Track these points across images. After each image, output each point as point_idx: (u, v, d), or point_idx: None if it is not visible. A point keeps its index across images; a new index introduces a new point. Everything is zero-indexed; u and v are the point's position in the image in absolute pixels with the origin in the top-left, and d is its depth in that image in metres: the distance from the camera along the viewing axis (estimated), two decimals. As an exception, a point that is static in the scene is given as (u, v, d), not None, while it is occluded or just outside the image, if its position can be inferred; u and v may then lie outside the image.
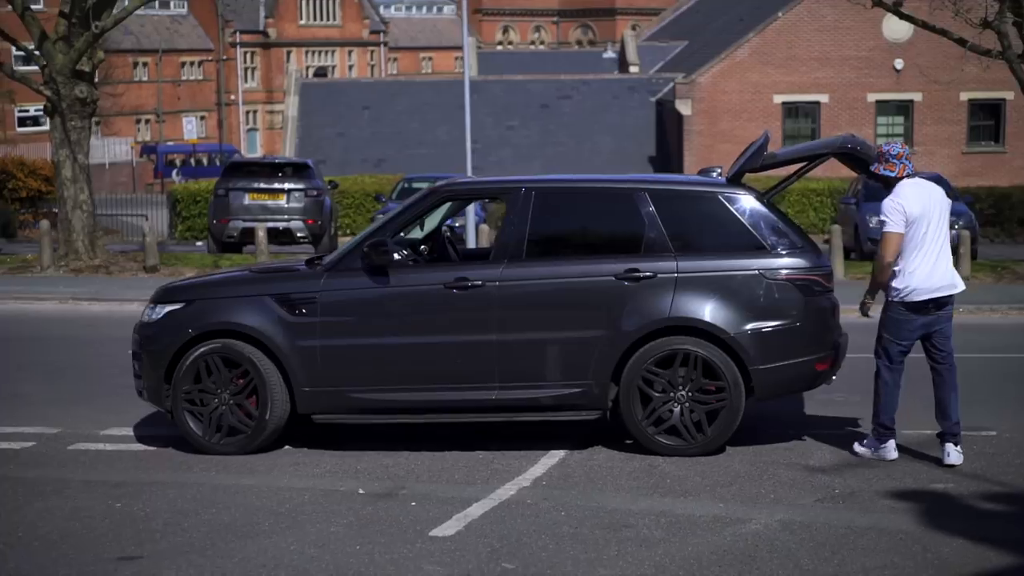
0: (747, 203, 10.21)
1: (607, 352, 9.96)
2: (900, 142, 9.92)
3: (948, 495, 8.77)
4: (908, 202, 9.60)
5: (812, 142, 10.93)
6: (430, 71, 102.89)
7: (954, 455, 9.65)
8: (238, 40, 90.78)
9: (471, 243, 24.26)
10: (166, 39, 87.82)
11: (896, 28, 44.39)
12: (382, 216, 11.24)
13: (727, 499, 8.68)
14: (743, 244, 10.11)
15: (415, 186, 30.86)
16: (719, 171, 10.78)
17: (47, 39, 22.79)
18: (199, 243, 34.43)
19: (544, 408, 10.13)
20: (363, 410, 10.26)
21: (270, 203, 25.63)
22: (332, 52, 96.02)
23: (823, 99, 47.51)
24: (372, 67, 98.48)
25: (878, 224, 9.71)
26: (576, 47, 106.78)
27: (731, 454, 9.97)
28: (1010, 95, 44.33)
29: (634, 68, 58.99)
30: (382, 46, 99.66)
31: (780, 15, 47.33)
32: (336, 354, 10.21)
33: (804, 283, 9.98)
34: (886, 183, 9.77)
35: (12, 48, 24.08)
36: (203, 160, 76.79)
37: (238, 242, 25.66)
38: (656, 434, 9.98)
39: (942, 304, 9.71)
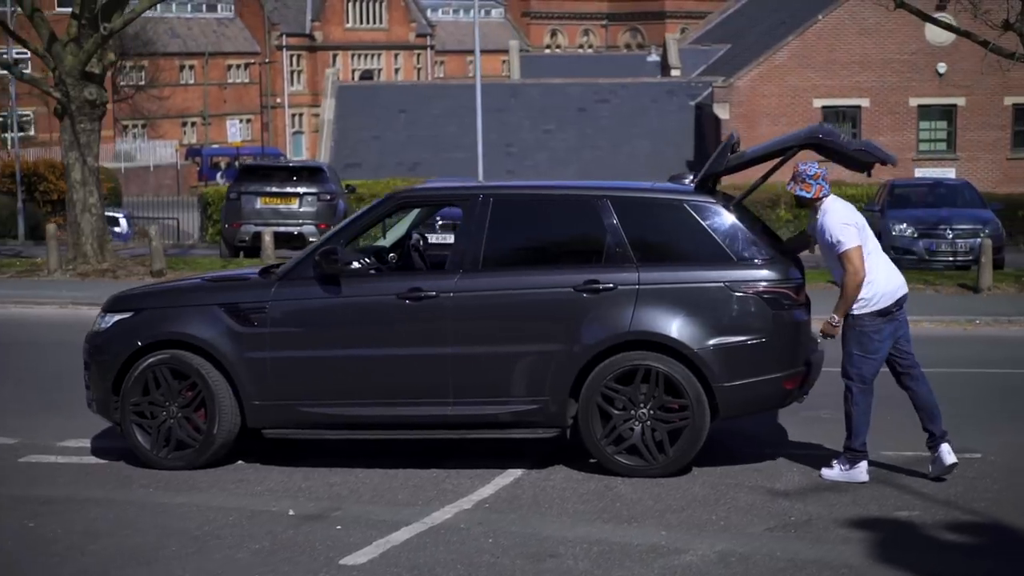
0: (714, 211, 9.73)
1: (565, 367, 9.52)
2: (816, 163, 9.52)
3: (911, 524, 8.27)
4: (850, 214, 9.39)
5: (779, 137, 10.45)
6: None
7: (953, 455, 9.39)
8: (284, 43, 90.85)
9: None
10: (213, 42, 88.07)
11: (939, 31, 43.54)
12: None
13: (673, 526, 8.21)
14: (709, 255, 9.64)
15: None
16: (691, 178, 10.31)
17: (56, 41, 22.60)
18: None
19: (501, 425, 9.70)
20: (314, 425, 9.87)
21: (282, 207, 25.35)
22: (378, 55, 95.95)
23: (864, 103, 46.76)
24: (418, 70, 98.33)
25: (839, 243, 9.31)
26: (625, 51, 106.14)
27: (695, 475, 9.51)
28: (1056, 100, 43.44)
29: (676, 72, 58.37)
30: (428, 49, 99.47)
31: (820, 18, 46.63)
32: (286, 366, 9.83)
33: (772, 296, 9.49)
34: (800, 203, 9.64)
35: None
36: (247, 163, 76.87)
37: (250, 246, 25.40)
38: (616, 453, 9.52)
39: (901, 304, 9.44)
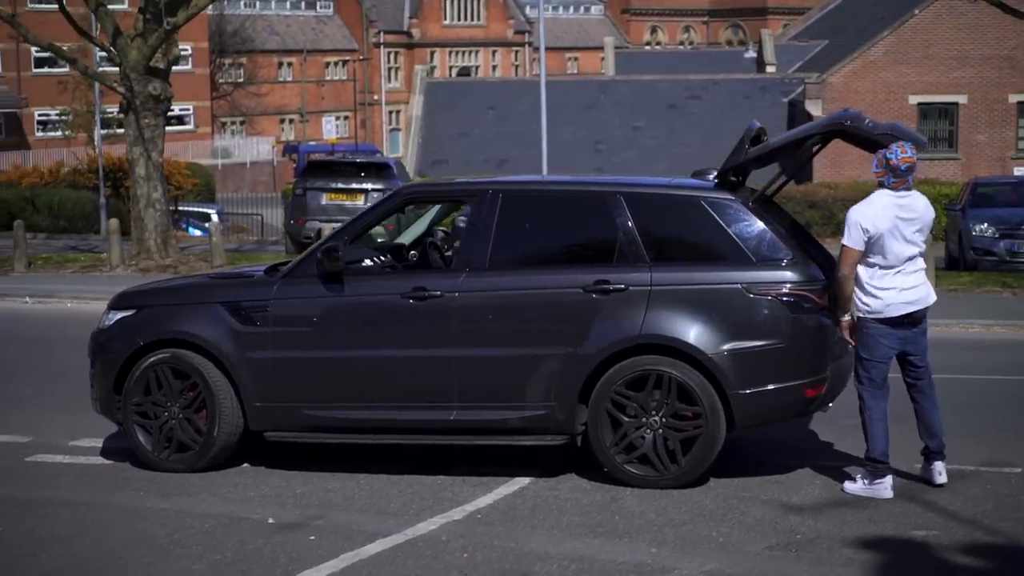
0: (733, 209, 9.21)
1: (574, 371, 9.06)
2: (911, 152, 8.82)
3: (925, 545, 7.70)
4: (871, 218, 8.79)
5: (803, 126, 9.83)
6: (576, 72, 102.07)
7: (944, 474, 8.91)
8: (382, 40, 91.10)
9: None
10: (311, 39, 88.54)
11: (1039, 26, 42.26)
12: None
13: (667, 542, 7.72)
14: (726, 255, 9.13)
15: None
16: (715, 173, 9.79)
17: (121, 35, 22.55)
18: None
19: (508, 431, 9.27)
20: (316, 428, 9.53)
21: (347, 204, 25.09)
22: (476, 52, 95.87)
23: (961, 100, 45.57)
24: (516, 67, 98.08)
25: (844, 233, 8.87)
26: (726, 47, 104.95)
27: (709, 487, 9.00)
28: None
29: (771, 68, 57.43)
30: (527, 46, 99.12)
31: (916, 12, 45.50)
32: (288, 367, 9.50)
33: (792, 299, 8.95)
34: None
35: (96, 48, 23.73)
36: (343, 160, 77.14)
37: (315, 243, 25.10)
38: (625, 463, 9.05)
39: (916, 322, 8.96)
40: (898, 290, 8.77)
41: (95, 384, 10.00)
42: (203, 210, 43.62)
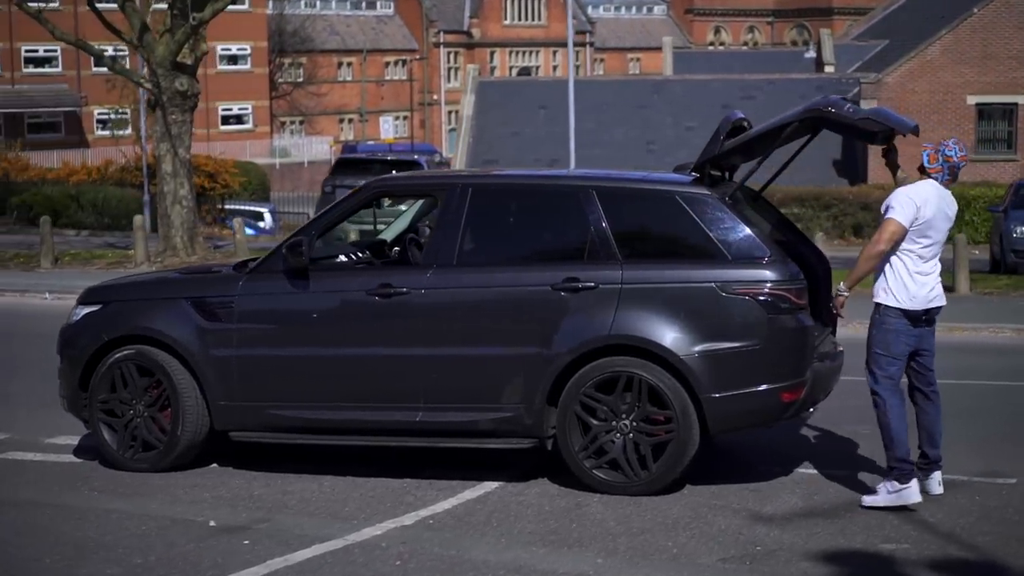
0: (708, 204, 8.82)
1: (541, 373, 8.71)
2: (963, 150, 8.43)
3: (891, 560, 7.27)
4: (922, 202, 8.28)
5: (782, 115, 9.36)
6: (638, 72, 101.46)
7: (941, 486, 8.54)
8: (442, 40, 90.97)
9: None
10: (371, 39, 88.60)
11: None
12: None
13: (616, 553, 7.36)
14: (699, 252, 8.74)
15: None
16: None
17: (147, 31, 22.44)
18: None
19: (475, 434, 8.93)
20: (281, 428, 9.24)
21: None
22: (536, 52, 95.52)
23: (1021, 100, 44.58)
24: (577, 67, 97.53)
25: (889, 208, 8.34)
26: (791, 47, 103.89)
27: (683, 494, 8.62)
28: None
29: (829, 68, 56.60)
30: (588, 46, 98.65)
31: (975, 11, 44.58)
32: (252, 365, 9.22)
33: (769, 299, 8.54)
34: (920, 167, 8.46)
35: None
36: (400, 159, 77.11)
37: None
38: (594, 468, 8.68)
39: (931, 320, 8.53)
40: (927, 284, 8.36)
41: (62, 381, 9.78)
42: (256, 209, 43.58)
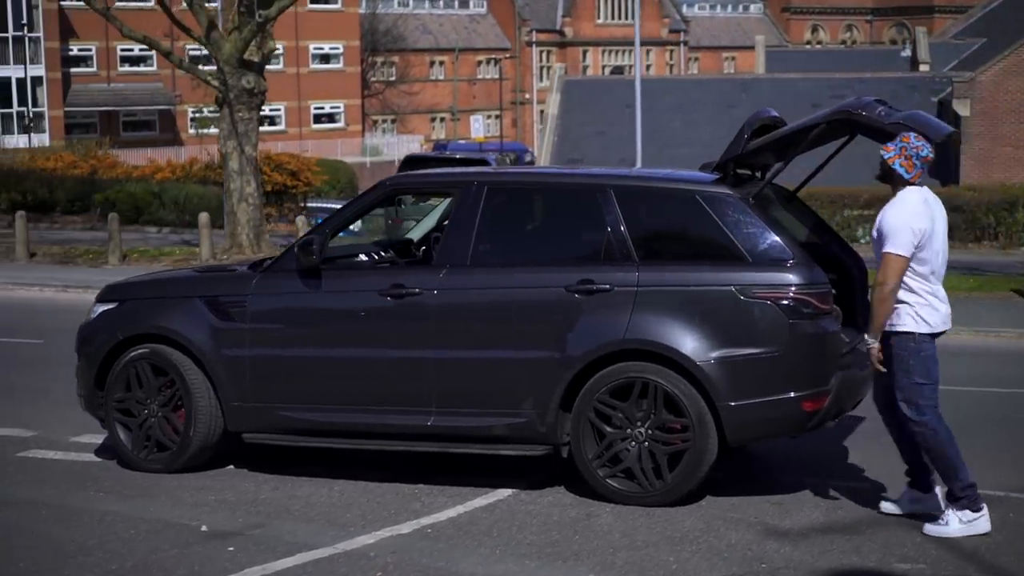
0: (730, 204, 8.47)
1: (555, 377, 8.42)
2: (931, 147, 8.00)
3: (902, 580, 6.89)
4: (919, 218, 7.74)
5: (811, 116, 8.94)
6: (732, 71, 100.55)
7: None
8: (534, 39, 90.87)
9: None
10: (464, 38, 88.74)
11: None
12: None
13: (612, 568, 7.05)
14: (719, 254, 8.40)
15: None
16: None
17: (215, 28, 22.45)
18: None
19: (486, 439, 8.66)
20: (292, 431, 9.04)
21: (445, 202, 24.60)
22: (629, 51, 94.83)
23: (1119, 100, 43.38)
24: (671, 67, 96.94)
25: (888, 239, 7.71)
26: (889, 46, 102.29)
27: (700, 506, 8.29)
28: None
29: (924, 67, 55.58)
30: (682, 45, 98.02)
31: (1074, 8, 43.46)
32: (263, 366, 9.04)
33: (790, 303, 8.17)
34: (886, 176, 7.88)
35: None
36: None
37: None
38: (608, 477, 8.37)
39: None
40: (945, 300, 7.91)
41: (79, 379, 9.68)
42: (339, 206, 43.61)
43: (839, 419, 8.69)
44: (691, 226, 8.55)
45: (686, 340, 8.21)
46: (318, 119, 78.01)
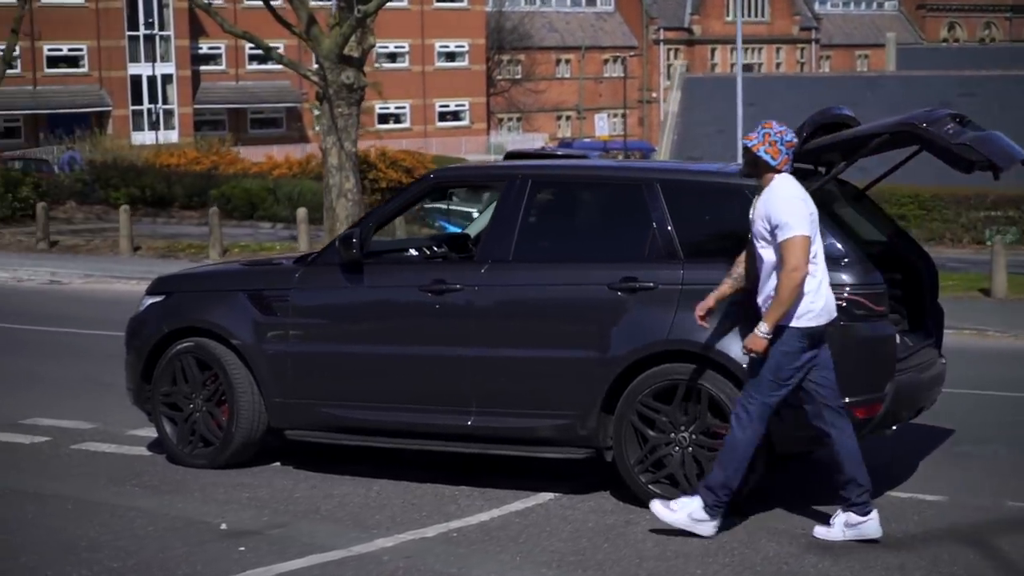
0: (782, 200, 8.04)
1: (597, 378, 8.10)
2: (793, 132, 7.63)
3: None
4: (801, 201, 7.30)
5: (878, 122, 8.53)
6: (866, 69, 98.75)
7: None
8: (662, 37, 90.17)
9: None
10: (590, 36, 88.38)
11: None
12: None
13: (632, 579, 6.72)
14: (768, 251, 7.98)
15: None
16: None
17: (315, 24, 22.43)
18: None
19: (527, 441, 8.36)
20: (332, 428, 8.84)
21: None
22: (759, 49, 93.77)
23: None
24: (801, 64, 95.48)
25: (783, 226, 7.21)
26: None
27: (745, 515, 7.88)
28: None
29: (1062, 65, 53.93)
30: (813, 43, 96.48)
31: None
32: (304, 361, 8.86)
33: (841, 304, 7.72)
34: (751, 170, 7.50)
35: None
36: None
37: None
38: (651, 483, 8.03)
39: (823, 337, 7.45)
40: (827, 292, 7.38)
41: (128, 372, 9.59)
42: (464, 209, 43.43)
43: (895, 428, 8.23)
44: (739, 222, 8.14)
45: (731, 342, 7.82)
46: (443, 117, 78.27)
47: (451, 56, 78.46)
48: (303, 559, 6.88)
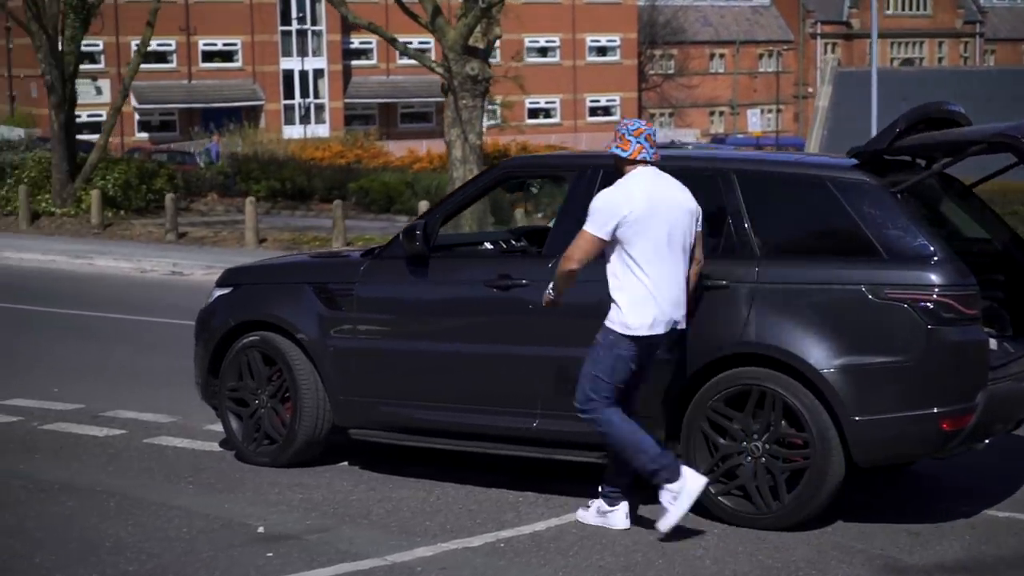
0: (867, 192, 7.47)
1: (666, 381, 7.60)
2: (646, 121, 7.54)
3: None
4: (626, 202, 7.13)
5: (977, 127, 7.91)
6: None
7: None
8: (819, 31, 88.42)
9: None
10: (745, 30, 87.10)
11: None
12: None
13: (678, 601, 6.21)
14: (851, 248, 7.42)
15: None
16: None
17: (440, 14, 22.15)
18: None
19: (593, 446, 7.85)
20: (394, 428, 8.48)
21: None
22: (920, 43, 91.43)
23: None
24: (964, 59, 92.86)
25: (587, 218, 7.24)
26: None
27: (822, 532, 7.32)
28: None
29: None
30: (977, 37, 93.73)
31: None
32: (367, 358, 8.51)
33: (929, 306, 7.12)
34: (616, 165, 7.41)
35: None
36: (768, 153, 75.39)
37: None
38: (720, 494, 7.50)
39: (657, 346, 7.31)
40: (664, 301, 7.19)
41: (196, 366, 9.35)
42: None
43: (988, 441, 7.58)
44: (820, 216, 7.58)
45: (808, 345, 7.26)
46: (593, 112, 77.75)
47: (602, 50, 77.89)
48: (330, 568, 6.51)
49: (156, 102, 65.75)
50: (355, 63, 70.28)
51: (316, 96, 69.12)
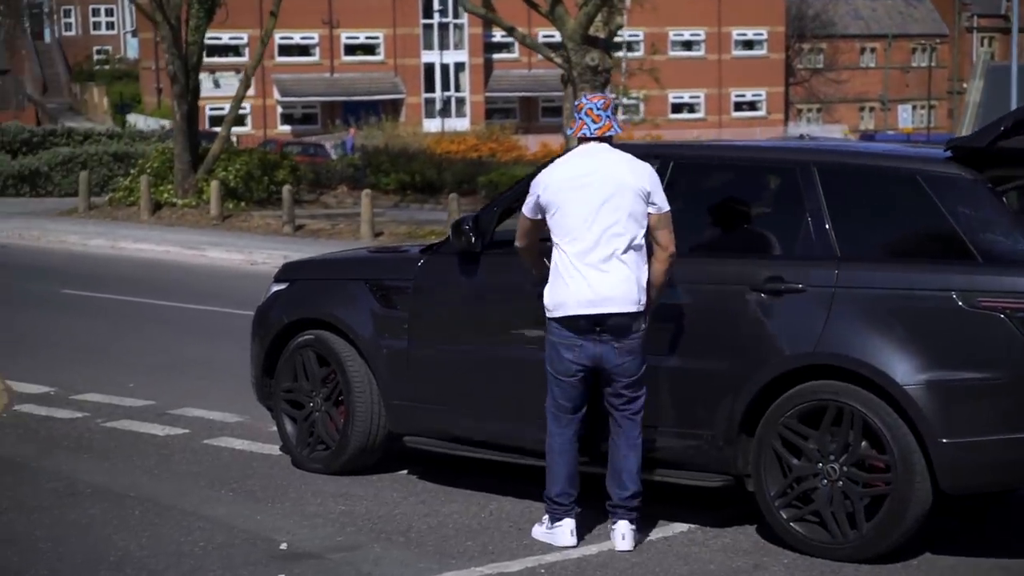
0: (962, 188, 6.69)
1: (734, 393, 6.90)
2: (604, 96, 6.89)
3: None
4: (562, 178, 6.75)
5: None
6: None
7: (628, 537, 6.80)
8: (975, 24, 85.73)
9: None
10: (897, 24, 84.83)
11: None
12: None
13: (723, 644, 5.52)
14: (941, 249, 6.65)
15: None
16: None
17: (560, 3, 21.53)
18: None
19: (654, 463, 7.20)
20: (445, 436, 7.90)
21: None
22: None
23: None
24: None
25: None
26: None
27: (905, 566, 6.59)
28: None
29: None
30: None
31: None
32: (422, 361, 7.94)
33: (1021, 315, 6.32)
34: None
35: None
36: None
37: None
38: (793, 520, 6.78)
39: (605, 327, 6.68)
40: (576, 284, 6.70)
41: (252, 365, 8.87)
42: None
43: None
44: (908, 213, 6.81)
45: (891, 357, 6.51)
46: (739, 107, 76.37)
47: (748, 44, 76.43)
48: (349, 595, 5.97)
49: (298, 95, 66.15)
50: (496, 56, 69.94)
51: (457, 89, 68.97)
